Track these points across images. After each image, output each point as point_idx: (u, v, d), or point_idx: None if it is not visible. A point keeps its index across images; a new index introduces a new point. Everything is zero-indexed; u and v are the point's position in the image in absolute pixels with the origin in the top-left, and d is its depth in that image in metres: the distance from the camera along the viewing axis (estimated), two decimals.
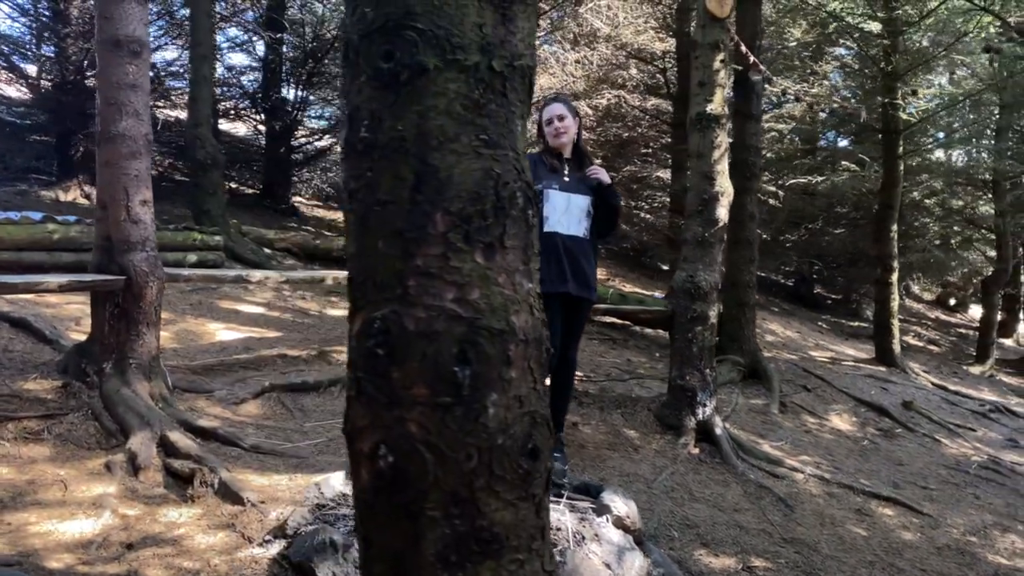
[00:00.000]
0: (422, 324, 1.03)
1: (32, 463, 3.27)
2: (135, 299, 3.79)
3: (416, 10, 1.06)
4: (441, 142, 1.06)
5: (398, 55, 1.06)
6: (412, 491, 1.03)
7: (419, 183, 1.05)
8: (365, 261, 1.09)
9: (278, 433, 3.97)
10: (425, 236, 1.04)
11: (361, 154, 1.09)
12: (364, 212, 1.09)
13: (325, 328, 5.96)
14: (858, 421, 7.29)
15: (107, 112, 3.73)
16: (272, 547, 2.89)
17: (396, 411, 1.04)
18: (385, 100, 1.08)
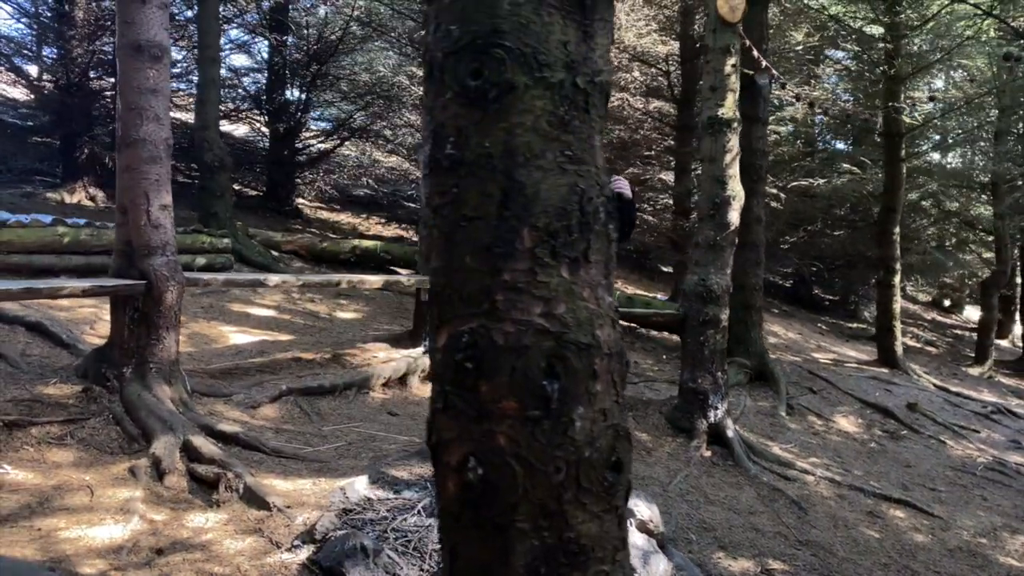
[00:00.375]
0: (511, 338, 1.05)
1: (56, 468, 3.27)
2: (155, 303, 3.79)
3: (503, 28, 1.08)
4: (528, 158, 1.07)
5: (486, 73, 1.08)
6: (502, 504, 1.05)
7: (506, 199, 1.07)
8: (451, 276, 1.10)
9: (298, 437, 3.98)
10: (513, 251, 1.06)
11: (447, 170, 1.11)
12: (450, 228, 1.10)
13: (336, 331, 5.96)
14: (864, 423, 7.33)
15: (128, 117, 3.74)
16: (301, 552, 2.90)
17: (485, 424, 1.05)
18: (472, 117, 1.09)
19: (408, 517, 3.08)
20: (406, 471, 3.70)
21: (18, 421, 3.39)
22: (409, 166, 11.10)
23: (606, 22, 1.16)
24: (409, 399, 5.03)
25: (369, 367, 5.00)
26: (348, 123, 10.79)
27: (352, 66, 10.93)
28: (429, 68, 1.15)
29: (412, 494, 3.40)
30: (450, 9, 1.12)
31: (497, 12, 1.09)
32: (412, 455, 3.89)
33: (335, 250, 8.20)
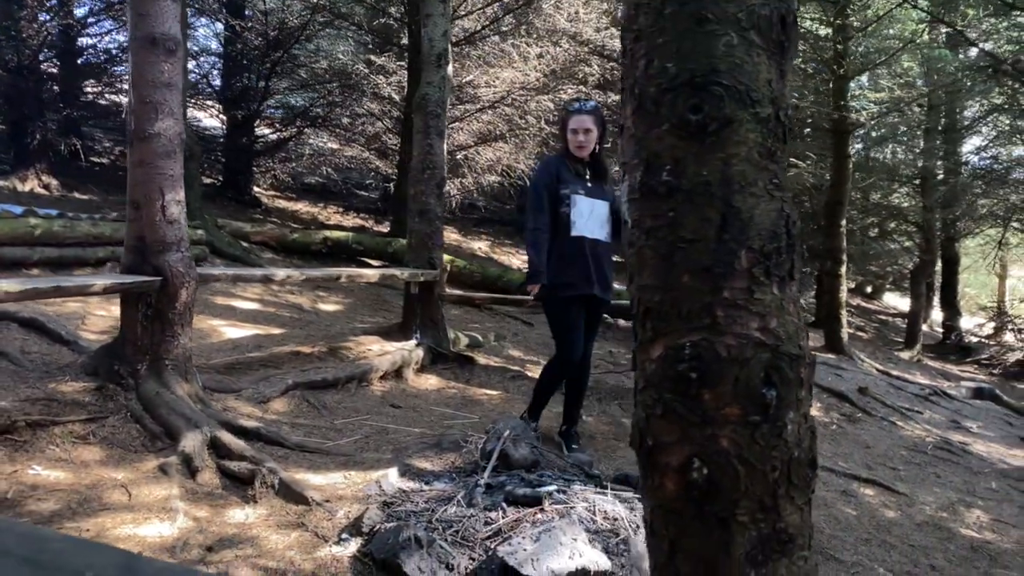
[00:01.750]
0: (733, 351, 1.17)
1: (85, 467, 3.24)
2: (170, 300, 3.76)
3: (720, 67, 1.20)
4: (742, 186, 1.19)
5: (706, 108, 1.19)
6: (724, 500, 1.17)
7: (725, 223, 1.19)
8: (668, 293, 1.21)
9: (315, 431, 4.01)
10: (732, 271, 1.18)
11: (662, 196, 1.22)
12: (667, 249, 1.21)
13: (323, 324, 5.96)
14: (823, 407, 7.73)
15: (142, 111, 3.68)
16: (349, 545, 2.97)
17: (708, 429, 1.17)
18: (690, 148, 1.20)
19: (449, 508, 3.17)
20: (428, 462, 3.79)
21: (40, 421, 3.33)
22: (369, 155, 11.03)
23: (791, 62, 1.29)
24: (407, 391, 5.10)
25: (366, 360, 5.04)
26: (307, 111, 10.65)
27: (313, 53, 10.76)
28: (640, 101, 1.26)
29: (443, 485, 3.50)
30: (665, 48, 1.23)
31: (713, 52, 1.20)
32: (429, 447, 3.98)
33: (306, 241, 8.13)
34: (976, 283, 30.23)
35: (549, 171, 4.19)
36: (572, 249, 4.12)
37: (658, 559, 1.24)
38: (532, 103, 10.87)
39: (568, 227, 4.12)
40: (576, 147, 4.15)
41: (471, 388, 5.42)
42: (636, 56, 1.28)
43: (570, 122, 4.17)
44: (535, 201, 4.16)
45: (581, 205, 4.13)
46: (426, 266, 5.64)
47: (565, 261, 4.12)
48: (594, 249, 4.16)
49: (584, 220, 4.14)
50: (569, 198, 4.11)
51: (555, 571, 2.77)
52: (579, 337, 4.24)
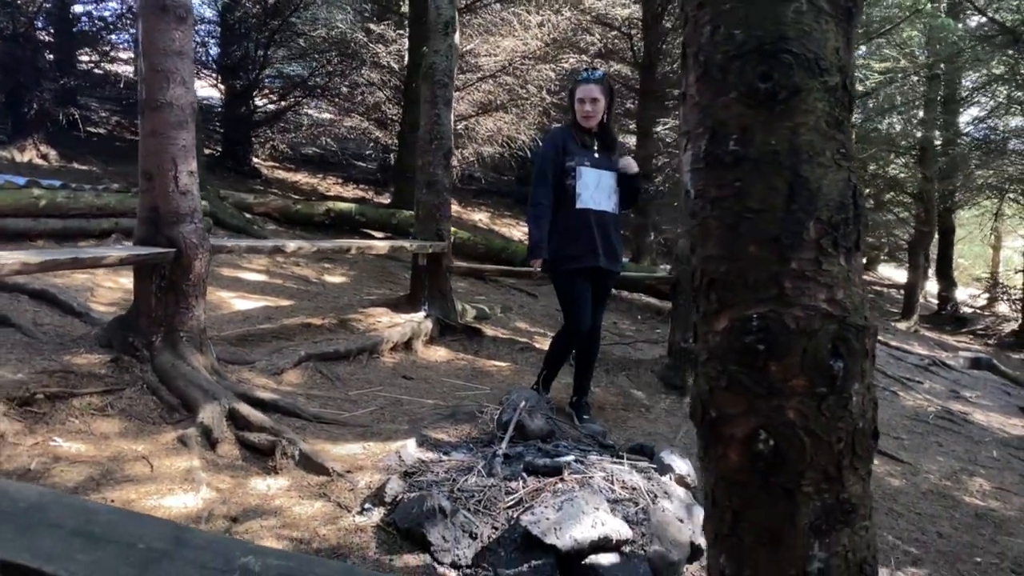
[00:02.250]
0: (802, 322, 1.16)
1: (105, 439, 3.24)
2: (184, 272, 3.74)
3: (789, 35, 1.18)
4: (810, 156, 1.18)
5: (776, 76, 1.17)
6: (790, 471, 1.17)
7: (793, 193, 1.17)
8: (733, 264, 1.21)
9: (329, 403, 4.02)
10: (800, 242, 1.17)
11: (729, 166, 1.21)
12: (733, 219, 1.20)
13: (331, 296, 5.95)
14: None
15: (153, 80, 3.63)
16: (373, 515, 2.98)
17: (775, 400, 1.17)
18: (757, 117, 1.19)
19: (469, 478, 3.19)
20: (444, 433, 3.81)
21: (59, 393, 3.33)
22: (369, 125, 10.93)
23: (857, 28, 1.27)
24: (417, 363, 5.10)
25: (376, 332, 5.04)
26: (306, 81, 10.52)
27: (311, 21, 10.60)
28: (704, 68, 1.24)
29: (461, 455, 3.51)
30: (731, 14, 1.21)
31: (782, 19, 1.18)
32: (445, 418, 3.99)
33: (309, 212, 8.07)
34: (970, 254, 30.36)
35: (555, 143, 4.18)
36: (578, 221, 4.12)
37: (720, 530, 1.25)
38: (533, 72, 10.76)
39: (574, 199, 4.11)
40: (583, 117, 4.15)
41: (480, 360, 5.43)
42: (700, 22, 1.26)
43: (577, 91, 4.16)
44: (538, 175, 4.17)
45: (587, 177, 4.13)
46: (434, 238, 5.62)
47: (571, 233, 4.12)
48: (600, 220, 4.15)
49: (590, 192, 4.14)
50: (575, 170, 4.10)
51: (578, 540, 2.79)
52: (587, 308, 4.25)
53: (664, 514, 3.17)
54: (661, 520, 3.12)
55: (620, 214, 4.38)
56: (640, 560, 2.90)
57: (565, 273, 4.18)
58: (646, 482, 3.39)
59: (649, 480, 3.42)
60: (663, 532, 3.07)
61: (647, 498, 3.24)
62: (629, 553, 2.93)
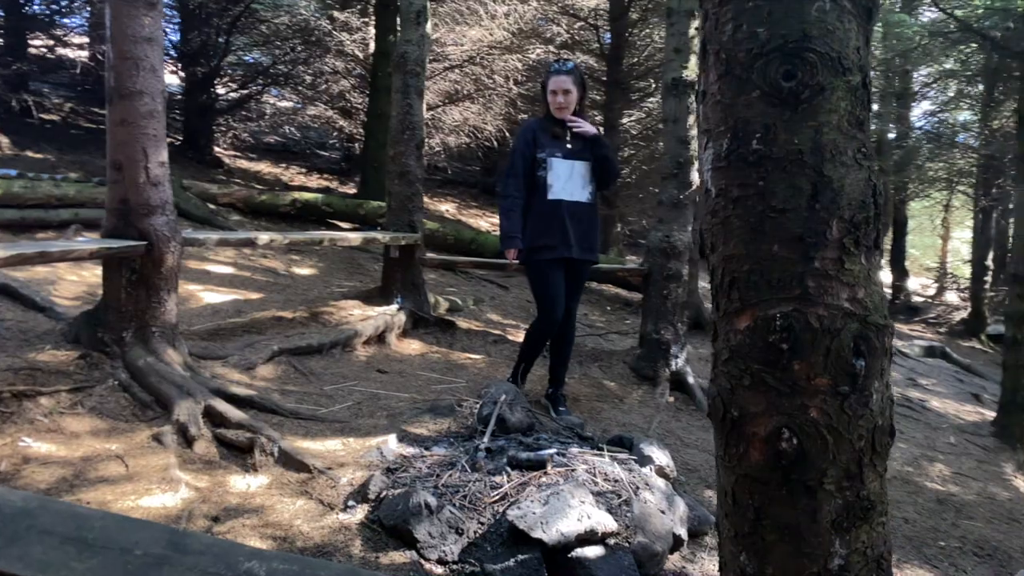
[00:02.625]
0: (825, 321, 1.17)
1: (76, 438, 3.15)
2: (156, 265, 3.64)
3: (812, 33, 1.18)
4: (833, 155, 1.18)
5: (800, 75, 1.17)
6: (813, 469, 1.18)
7: (816, 193, 1.18)
8: (757, 262, 1.21)
9: (306, 398, 3.96)
10: (823, 241, 1.18)
11: (752, 164, 1.21)
12: (756, 218, 1.20)
13: (300, 288, 5.85)
14: None
15: (122, 67, 3.52)
16: (356, 512, 2.95)
17: (798, 399, 1.18)
18: (781, 115, 1.19)
19: (453, 473, 3.17)
20: (424, 428, 3.78)
21: (26, 391, 3.22)
22: (333, 114, 10.76)
23: (873, 27, 1.27)
24: (391, 356, 5.06)
25: (349, 325, 4.98)
26: (269, 69, 10.32)
27: (273, 8, 10.39)
28: (727, 66, 1.24)
29: (443, 450, 3.49)
30: (755, 12, 1.21)
31: (805, 18, 1.18)
32: (423, 412, 3.97)
33: (274, 203, 7.92)
34: (920, 245, 31.13)
35: (526, 136, 4.19)
36: (550, 212, 4.13)
37: (741, 528, 1.25)
38: (499, 62, 10.71)
39: (545, 190, 4.13)
40: (556, 108, 4.15)
41: (454, 352, 5.40)
42: (721, 20, 1.25)
43: (550, 83, 4.16)
44: (509, 167, 4.20)
45: (559, 168, 4.14)
46: (407, 229, 5.56)
47: (543, 224, 4.13)
48: (573, 210, 4.17)
49: (562, 183, 4.15)
50: (546, 161, 4.12)
51: (564, 533, 2.79)
52: (560, 299, 4.26)
53: (646, 506, 3.19)
54: (644, 512, 3.14)
55: (596, 203, 4.37)
56: (625, 552, 2.92)
57: (538, 264, 4.19)
58: (628, 474, 3.41)
59: (630, 472, 3.44)
60: (646, 524, 3.09)
61: (629, 490, 3.26)
62: (614, 545, 2.94)
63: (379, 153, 9.31)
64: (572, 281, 4.36)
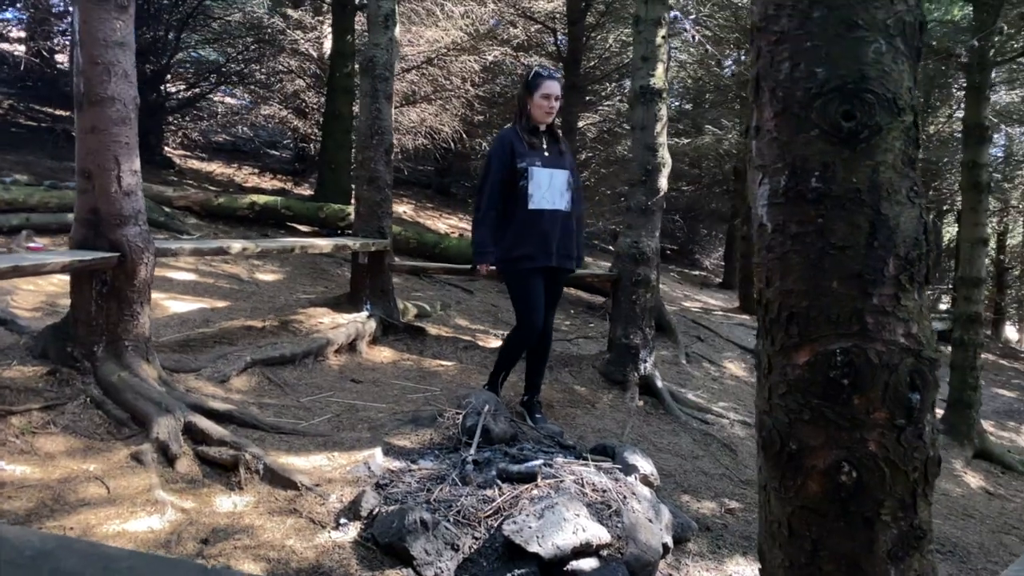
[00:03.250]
0: (883, 356, 1.20)
1: (51, 459, 3.03)
2: (128, 277, 3.53)
3: (870, 74, 1.20)
4: (889, 193, 1.21)
5: (859, 115, 1.20)
6: (871, 501, 1.21)
7: (874, 230, 1.20)
8: (815, 298, 1.23)
9: (284, 412, 3.88)
10: (881, 278, 1.20)
11: (811, 202, 1.23)
12: (816, 255, 1.22)
13: (266, 295, 5.73)
14: (747, 367, 8.08)
15: (92, 72, 3.39)
16: (349, 530, 2.91)
17: (857, 433, 1.20)
18: (839, 154, 1.21)
19: (443, 487, 3.16)
20: (407, 440, 3.75)
21: None
22: (287, 114, 10.56)
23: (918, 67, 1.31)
24: (363, 365, 4.99)
25: (320, 334, 4.90)
26: (222, 67, 10.06)
27: (226, 5, 10.13)
28: (784, 104, 1.25)
29: (429, 463, 3.47)
30: (813, 52, 1.23)
31: (863, 59, 1.21)
32: (405, 424, 3.93)
33: (232, 206, 7.73)
34: None
35: (503, 146, 4.14)
36: (532, 222, 4.10)
37: (797, 559, 1.27)
38: (456, 64, 10.67)
39: (526, 200, 4.09)
40: (546, 112, 4.14)
41: (425, 360, 5.37)
42: (777, 58, 1.27)
43: (541, 87, 4.11)
44: (483, 179, 4.17)
45: (539, 177, 4.11)
46: (376, 235, 5.50)
47: (524, 233, 4.10)
48: (553, 219, 4.15)
49: (542, 192, 4.13)
50: (527, 171, 4.09)
51: (560, 547, 2.81)
52: (540, 308, 4.26)
53: (635, 515, 3.22)
54: (634, 522, 3.17)
55: (575, 210, 4.36)
56: (618, 563, 2.95)
57: (519, 273, 4.18)
58: (614, 483, 3.43)
59: (616, 481, 3.47)
60: (636, 534, 3.12)
61: (618, 500, 3.29)
62: (607, 556, 2.97)
63: (337, 154, 9.20)
64: (551, 290, 4.37)
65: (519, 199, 4.10)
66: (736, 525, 3.93)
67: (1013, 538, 4.91)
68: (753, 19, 1.33)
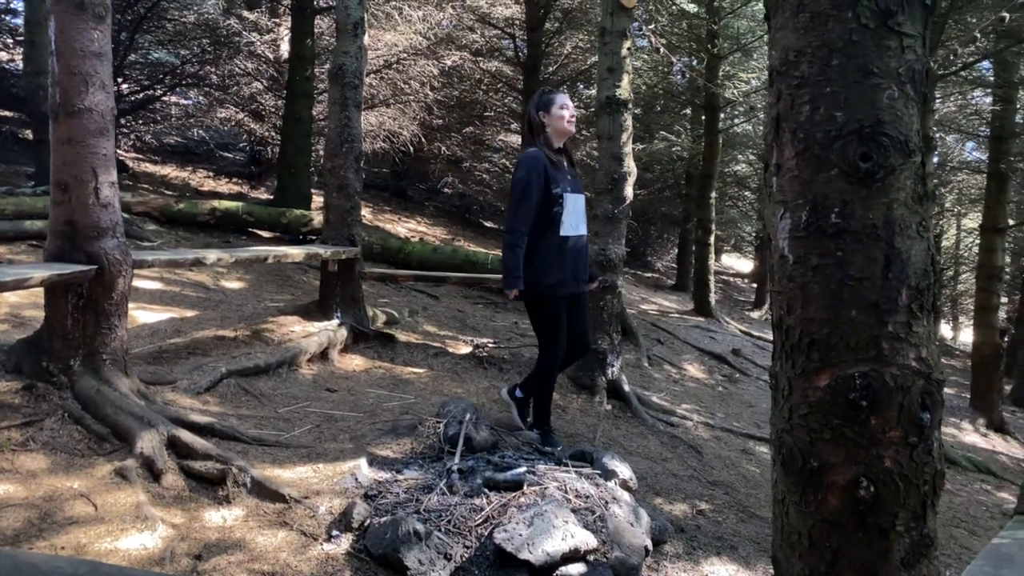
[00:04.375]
0: (898, 379, 1.30)
1: (34, 477, 2.98)
2: (106, 290, 3.48)
3: (884, 119, 1.31)
4: (902, 228, 1.32)
5: (875, 157, 1.30)
6: (886, 513, 1.32)
7: (889, 263, 1.31)
8: (837, 326, 1.33)
9: (265, 423, 3.87)
10: (895, 307, 1.31)
11: (831, 236, 1.32)
12: (836, 286, 1.32)
13: (235, 304, 5.67)
14: (706, 369, 8.29)
15: (70, 83, 3.34)
16: (342, 541, 2.94)
17: (874, 450, 1.31)
18: (857, 193, 1.31)
19: (432, 497, 3.20)
20: (389, 450, 3.78)
21: None
22: (244, 117, 10.41)
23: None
24: (336, 374, 4.99)
25: (292, 343, 4.89)
26: (176, 69, 9.87)
27: (181, 7, 9.93)
28: (805, 144, 1.35)
29: (414, 473, 3.51)
30: (833, 97, 1.33)
31: (878, 104, 1.31)
32: (386, 433, 3.96)
33: (192, 212, 7.59)
34: None
35: (538, 170, 3.95)
36: (561, 248, 4.03)
37: (818, 567, 1.37)
38: (415, 68, 10.67)
39: (558, 226, 4.00)
40: (568, 122, 4.05)
41: (397, 367, 5.39)
42: (798, 101, 1.36)
43: (557, 100, 4.02)
44: (521, 200, 3.92)
45: (569, 202, 4.03)
46: (346, 243, 5.50)
47: (553, 261, 4.02)
48: (577, 245, 4.12)
49: (572, 219, 4.06)
50: (562, 197, 3.98)
51: (550, 553, 2.88)
52: (566, 331, 4.19)
53: (618, 520, 3.32)
54: (617, 526, 3.27)
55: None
56: (604, 567, 3.04)
57: (550, 300, 4.09)
58: (596, 489, 3.53)
59: (598, 487, 3.56)
60: (620, 538, 3.22)
61: (600, 505, 3.38)
62: (593, 561, 3.05)
63: (297, 159, 9.12)
64: (578, 309, 4.31)
65: (551, 225, 3.99)
66: (708, 526, 4.05)
67: (962, 531, 5.15)
68: (772, 63, 1.42)
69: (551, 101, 4.03)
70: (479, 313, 7.57)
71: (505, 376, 5.78)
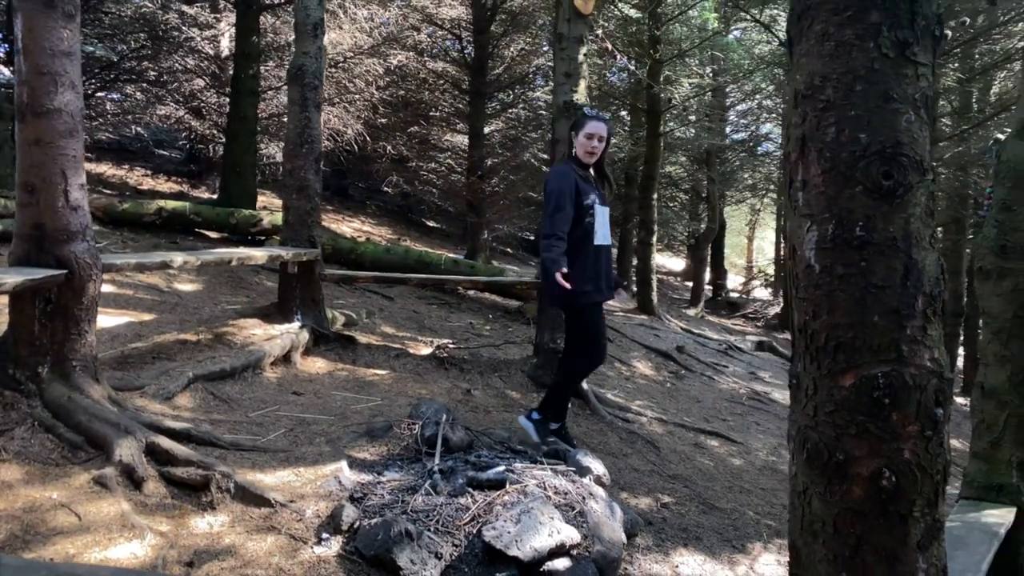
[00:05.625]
0: (916, 379, 1.43)
1: (9, 488, 2.91)
2: (76, 295, 3.40)
3: (903, 140, 1.43)
4: (917, 240, 1.45)
5: (896, 175, 1.42)
6: (905, 501, 1.44)
7: (907, 272, 1.43)
8: (861, 330, 1.44)
9: (238, 428, 3.84)
10: (913, 313, 1.44)
11: (855, 248, 1.44)
12: (860, 293, 1.44)
13: (191, 307, 5.55)
14: (653, 366, 8.50)
15: (38, 83, 3.25)
16: (332, 544, 2.96)
17: (895, 444, 1.43)
18: (880, 208, 1.43)
19: (417, 497, 3.25)
20: (367, 452, 3.81)
21: None
22: (185, 114, 10.14)
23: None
24: (300, 377, 4.96)
25: (255, 346, 4.84)
26: (113, 64, 9.52)
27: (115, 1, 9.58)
28: (832, 163, 1.47)
29: (395, 474, 3.55)
30: (857, 120, 1.44)
31: (897, 127, 1.44)
32: (361, 436, 3.98)
33: (138, 211, 7.37)
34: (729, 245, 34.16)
35: (569, 182, 4.10)
36: (595, 258, 4.21)
37: (842, 552, 1.49)
38: (360, 67, 10.60)
39: (592, 236, 4.16)
40: (587, 152, 4.15)
41: (359, 369, 5.38)
42: (823, 123, 1.48)
43: (587, 126, 4.14)
44: (558, 207, 4.02)
45: (599, 214, 4.20)
46: (306, 244, 5.46)
47: (588, 270, 4.17)
48: (607, 254, 4.33)
49: (602, 230, 4.23)
50: (592, 208, 4.14)
51: (538, 549, 2.97)
52: (604, 336, 4.45)
53: (597, 515, 3.43)
54: (597, 521, 3.38)
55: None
56: (587, 561, 3.14)
57: (588, 307, 4.27)
58: (572, 485, 3.63)
59: (574, 483, 3.66)
60: (600, 532, 3.33)
61: (579, 501, 3.48)
62: (577, 555, 3.15)
63: (243, 157, 8.95)
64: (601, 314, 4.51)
65: (586, 235, 4.14)
66: (672, 518, 4.20)
67: None
68: (797, 86, 1.53)
69: (581, 125, 4.19)
70: (434, 314, 7.60)
71: (467, 376, 5.84)
